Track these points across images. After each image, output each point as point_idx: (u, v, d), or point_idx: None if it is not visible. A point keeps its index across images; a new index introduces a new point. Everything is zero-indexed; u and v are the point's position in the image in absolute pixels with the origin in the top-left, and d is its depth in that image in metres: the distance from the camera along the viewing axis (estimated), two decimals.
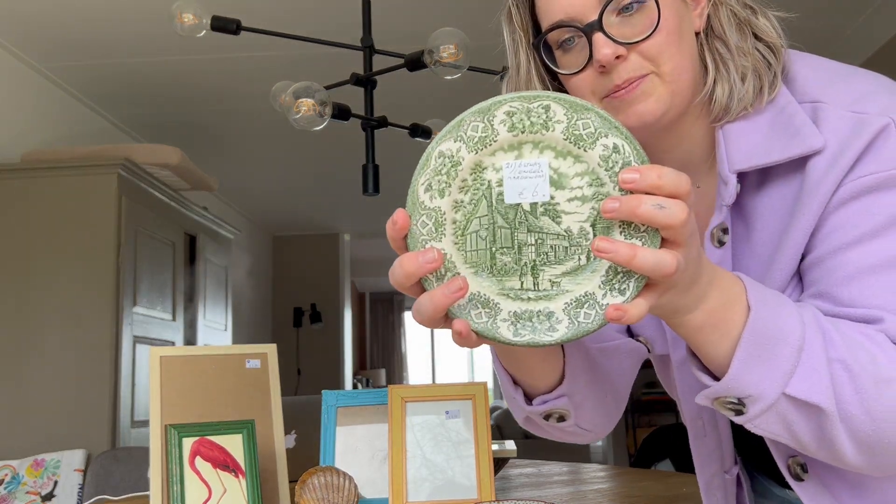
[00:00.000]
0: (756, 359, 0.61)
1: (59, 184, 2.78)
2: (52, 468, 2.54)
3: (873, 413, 0.60)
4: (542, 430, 0.84)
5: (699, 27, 0.76)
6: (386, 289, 10.20)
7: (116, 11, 2.82)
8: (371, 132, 1.88)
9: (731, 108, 0.74)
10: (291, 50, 3.17)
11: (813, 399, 0.61)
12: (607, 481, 1.60)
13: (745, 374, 0.61)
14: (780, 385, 0.61)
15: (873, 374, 0.60)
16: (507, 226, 0.56)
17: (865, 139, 0.66)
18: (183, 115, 3.90)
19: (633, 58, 0.71)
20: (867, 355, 0.61)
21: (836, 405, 0.60)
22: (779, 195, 0.72)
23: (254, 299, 6.15)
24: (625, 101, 0.71)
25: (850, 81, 0.73)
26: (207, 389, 1.20)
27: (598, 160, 0.56)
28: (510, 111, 0.56)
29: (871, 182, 0.66)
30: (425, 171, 0.59)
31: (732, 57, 0.74)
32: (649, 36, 0.70)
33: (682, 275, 0.56)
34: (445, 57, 1.77)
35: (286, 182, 5.27)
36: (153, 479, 1.12)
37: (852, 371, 0.60)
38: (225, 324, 3.92)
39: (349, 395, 1.34)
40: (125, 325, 2.75)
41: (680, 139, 0.77)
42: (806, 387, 0.61)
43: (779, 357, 0.61)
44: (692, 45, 0.74)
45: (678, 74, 0.71)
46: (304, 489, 1.13)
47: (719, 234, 0.75)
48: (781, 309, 0.62)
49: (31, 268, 2.72)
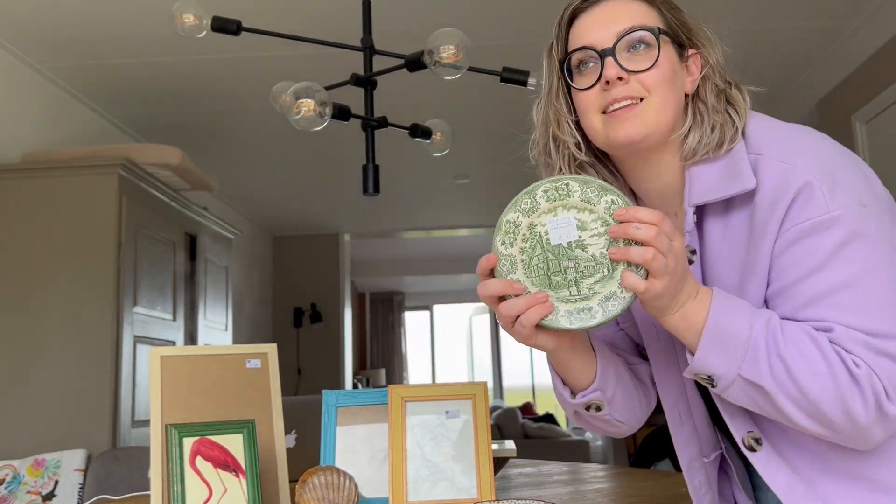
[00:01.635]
0: (715, 349, 0.86)
1: (60, 184, 2.79)
2: (52, 468, 2.55)
3: (808, 395, 0.83)
4: (587, 423, 1.07)
5: (689, 90, 0.99)
6: (386, 289, 10.20)
7: (117, 11, 2.82)
8: (371, 132, 1.88)
9: (697, 151, 0.95)
10: (291, 50, 3.17)
11: (759, 381, 0.84)
12: (607, 481, 1.60)
13: (708, 358, 0.86)
14: (735, 368, 0.85)
15: (806, 367, 0.83)
16: (554, 258, 0.89)
17: (793, 192, 0.87)
18: (183, 115, 3.90)
19: (633, 82, 0.94)
20: (806, 353, 0.84)
21: (776, 386, 0.84)
22: (738, 222, 0.93)
23: (254, 299, 6.15)
24: (618, 118, 0.94)
25: (787, 139, 0.92)
26: (208, 389, 1.20)
27: (603, 210, 0.87)
28: (545, 189, 0.89)
29: (806, 227, 0.86)
30: (499, 233, 0.90)
31: (708, 113, 0.96)
32: (647, 69, 0.93)
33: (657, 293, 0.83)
34: (445, 57, 1.77)
35: (286, 182, 5.27)
36: (154, 478, 1.12)
37: (787, 364, 0.83)
38: (225, 324, 3.92)
39: (349, 394, 1.34)
40: (126, 325, 2.75)
41: (659, 173, 1.00)
42: (754, 372, 0.84)
43: (732, 350, 0.85)
44: (679, 95, 0.97)
45: (664, 107, 0.94)
46: (305, 489, 1.13)
47: (688, 255, 0.95)
48: (736, 316, 0.86)
49: (32, 268, 2.73)
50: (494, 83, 1.98)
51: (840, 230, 0.85)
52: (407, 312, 10.41)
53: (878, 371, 0.82)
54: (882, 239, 0.86)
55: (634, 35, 0.95)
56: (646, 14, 0.97)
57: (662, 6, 0.99)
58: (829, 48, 3.38)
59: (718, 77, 0.98)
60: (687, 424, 1.05)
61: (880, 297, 0.84)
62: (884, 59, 3.09)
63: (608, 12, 0.97)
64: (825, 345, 0.84)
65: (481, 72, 1.92)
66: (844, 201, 0.86)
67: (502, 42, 3.13)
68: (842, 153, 0.91)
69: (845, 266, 0.85)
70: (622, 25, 0.95)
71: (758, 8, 2.97)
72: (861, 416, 0.82)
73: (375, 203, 5.94)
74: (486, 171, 5.13)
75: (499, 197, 5.76)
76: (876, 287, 0.85)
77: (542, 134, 1.05)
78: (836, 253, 0.85)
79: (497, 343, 10.26)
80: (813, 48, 3.37)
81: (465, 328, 10.79)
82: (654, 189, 1.01)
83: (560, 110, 1.02)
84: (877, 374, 0.82)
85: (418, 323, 10.63)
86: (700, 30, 1.01)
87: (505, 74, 1.91)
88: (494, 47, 3.16)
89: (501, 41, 3.13)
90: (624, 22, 0.96)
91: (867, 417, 0.82)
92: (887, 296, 0.84)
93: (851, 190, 0.87)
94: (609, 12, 0.97)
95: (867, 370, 0.82)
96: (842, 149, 0.93)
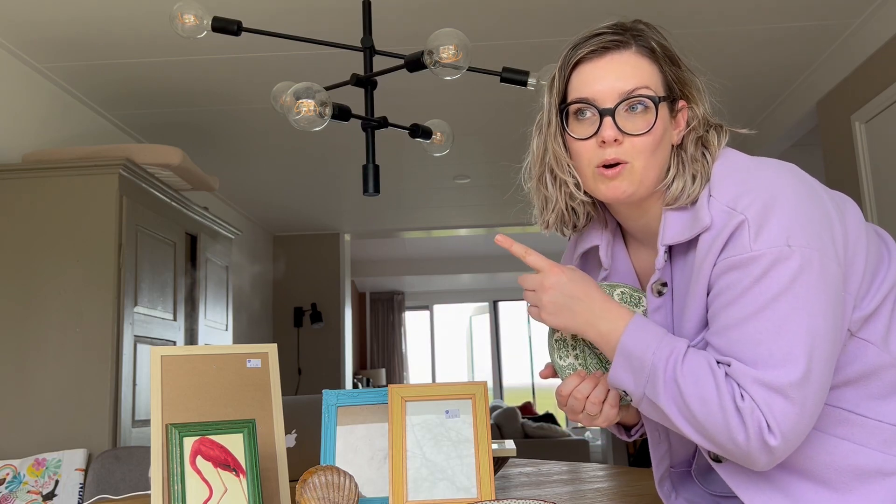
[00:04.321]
0: (624, 369, 0.97)
1: (61, 184, 2.79)
2: (53, 467, 2.55)
3: (697, 417, 0.91)
4: None
5: (675, 142, 1.04)
6: (386, 288, 10.20)
7: (117, 12, 2.83)
8: (371, 132, 1.89)
9: (680, 198, 1.00)
10: (292, 50, 3.17)
11: (657, 401, 0.94)
12: (607, 480, 1.60)
13: (620, 375, 0.98)
14: (641, 388, 0.95)
15: (697, 394, 0.91)
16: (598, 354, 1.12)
17: (730, 230, 0.93)
18: (184, 115, 3.90)
19: (626, 144, 0.99)
20: (700, 381, 0.91)
21: (673, 408, 0.93)
22: (691, 259, 1.00)
23: (254, 299, 6.15)
24: (608, 177, 1.01)
25: (739, 182, 0.96)
26: (208, 389, 1.20)
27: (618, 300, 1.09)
28: None
29: (731, 262, 0.92)
30: (554, 351, 1.10)
31: (690, 164, 1.01)
32: (643, 134, 0.99)
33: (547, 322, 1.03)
34: (445, 57, 1.77)
35: (286, 182, 5.27)
36: (154, 478, 1.12)
37: (681, 388, 0.92)
38: (226, 323, 3.92)
39: (349, 394, 1.34)
40: (126, 325, 2.76)
41: (644, 213, 1.06)
42: (653, 392, 0.94)
43: (637, 370, 0.96)
44: (666, 152, 1.02)
45: (649, 169, 1.00)
46: (305, 488, 1.13)
47: (658, 287, 1.05)
48: (643, 341, 0.96)
49: (33, 268, 2.73)
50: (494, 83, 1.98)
51: (757, 268, 0.90)
52: (407, 312, 10.41)
53: (762, 407, 0.88)
54: (799, 279, 0.89)
55: (638, 98, 0.99)
56: (649, 73, 1.00)
57: (664, 62, 1.02)
58: (829, 48, 3.38)
59: (702, 127, 1.03)
60: (663, 444, 1.13)
61: (780, 336, 0.88)
62: (884, 59, 3.09)
63: (615, 68, 1.00)
64: (720, 377, 0.91)
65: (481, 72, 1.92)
66: (771, 241, 0.90)
67: (502, 42, 3.14)
68: (797, 193, 0.94)
69: (752, 302, 0.90)
70: (627, 85, 0.99)
71: (758, 8, 2.98)
72: (743, 444, 0.89)
73: (375, 203, 5.94)
74: (486, 171, 5.13)
75: (499, 197, 5.76)
76: (777, 326, 0.89)
77: (539, 165, 1.09)
78: (749, 289, 0.90)
79: (497, 343, 10.26)
80: (813, 48, 3.38)
81: (465, 328, 10.79)
82: (637, 226, 1.09)
83: (559, 152, 1.06)
84: (760, 410, 0.88)
85: (418, 323, 10.63)
86: (693, 82, 1.04)
87: (505, 74, 1.91)
88: (494, 47, 3.16)
89: (501, 41, 3.13)
90: (629, 81, 0.99)
91: (749, 446, 0.89)
92: (788, 335, 0.88)
93: (782, 230, 0.90)
94: (615, 68, 1.00)
95: (751, 404, 0.88)
96: (802, 187, 0.95)
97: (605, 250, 1.13)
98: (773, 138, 4.15)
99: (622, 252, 1.15)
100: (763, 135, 4.26)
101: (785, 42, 3.30)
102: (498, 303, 10.41)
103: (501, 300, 10.41)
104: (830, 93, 3.57)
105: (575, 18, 2.96)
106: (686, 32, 3.11)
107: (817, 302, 0.89)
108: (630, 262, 1.14)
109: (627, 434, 1.21)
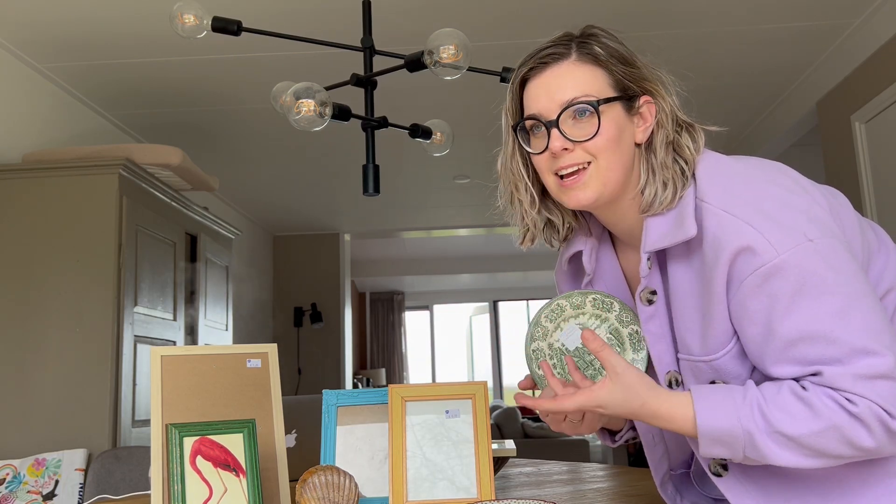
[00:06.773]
0: (714, 446, 0.92)
1: (61, 184, 2.79)
2: (53, 467, 2.55)
3: (814, 448, 0.88)
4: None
5: (641, 140, 1.03)
6: (386, 288, 10.20)
7: (117, 12, 2.83)
8: (371, 132, 1.89)
9: (653, 205, 1.00)
10: (292, 50, 3.17)
11: (765, 460, 0.90)
12: (607, 480, 1.60)
13: (713, 452, 0.93)
14: (740, 455, 0.91)
15: (804, 427, 0.87)
16: (579, 358, 1.11)
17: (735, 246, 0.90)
18: (184, 115, 3.90)
19: (578, 151, 1.00)
20: (797, 415, 0.88)
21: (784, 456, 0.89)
22: (697, 264, 0.97)
23: (254, 299, 6.15)
24: (568, 187, 1.01)
25: (727, 185, 0.96)
26: (208, 389, 1.20)
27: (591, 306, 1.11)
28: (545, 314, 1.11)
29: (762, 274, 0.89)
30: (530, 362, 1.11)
31: (660, 170, 1.00)
32: (591, 139, 0.99)
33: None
34: (445, 57, 1.78)
35: (286, 182, 5.27)
36: (154, 478, 1.12)
37: (786, 433, 0.88)
38: (225, 323, 3.92)
39: (349, 394, 1.34)
40: (126, 325, 2.76)
41: (623, 217, 1.06)
42: (757, 454, 0.90)
43: (729, 444, 0.91)
44: (629, 151, 1.02)
45: (610, 170, 1.00)
46: (305, 488, 1.13)
47: (648, 295, 1.03)
48: (721, 414, 0.91)
49: (33, 268, 2.73)
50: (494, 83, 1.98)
51: (792, 271, 0.88)
52: (407, 312, 10.41)
53: (873, 398, 0.85)
54: (835, 266, 0.88)
55: (577, 106, 0.99)
56: (592, 78, 1.00)
57: (611, 63, 1.01)
58: (829, 48, 3.38)
59: (671, 123, 1.02)
60: (660, 446, 1.13)
61: (850, 323, 0.87)
62: (884, 59, 3.09)
63: (553, 81, 1.01)
64: (813, 398, 0.87)
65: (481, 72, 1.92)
66: (792, 241, 0.88)
67: (502, 42, 3.14)
68: (788, 189, 0.94)
69: (807, 305, 0.88)
70: (566, 95, 1.00)
71: (758, 8, 2.98)
72: (871, 445, 0.86)
73: (375, 203, 5.94)
74: (486, 171, 5.12)
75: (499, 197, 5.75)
76: (842, 316, 0.87)
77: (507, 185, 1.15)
78: (797, 292, 0.88)
79: (497, 343, 10.26)
80: (813, 48, 3.38)
81: (465, 328, 10.79)
82: (621, 230, 1.09)
83: (516, 171, 1.10)
84: (875, 402, 0.85)
85: (418, 323, 10.63)
86: (654, 75, 1.03)
87: (505, 74, 1.91)
88: (494, 47, 3.16)
89: (501, 41, 3.13)
90: (569, 91, 1.00)
91: (879, 444, 0.86)
92: (856, 318, 0.87)
93: (794, 227, 0.89)
94: (554, 81, 1.01)
95: (864, 403, 0.85)
96: (794, 185, 0.95)
97: (588, 256, 1.13)
98: (773, 138, 4.15)
99: (609, 256, 1.15)
100: (763, 135, 4.26)
101: (785, 42, 3.30)
102: (498, 303, 10.42)
103: (501, 300, 10.41)
104: (830, 93, 3.57)
105: (574, 18, 2.96)
106: (686, 32, 3.11)
107: (858, 279, 0.89)
108: (619, 265, 1.14)
109: (612, 439, 1.21)
